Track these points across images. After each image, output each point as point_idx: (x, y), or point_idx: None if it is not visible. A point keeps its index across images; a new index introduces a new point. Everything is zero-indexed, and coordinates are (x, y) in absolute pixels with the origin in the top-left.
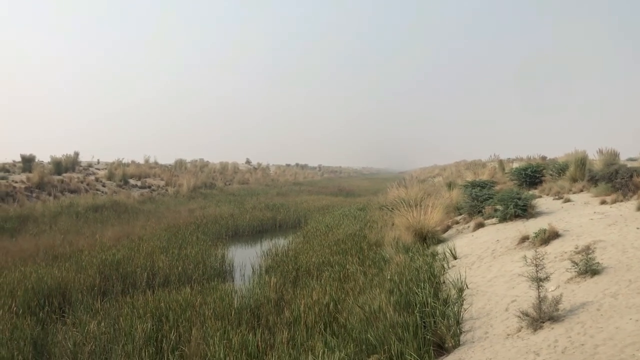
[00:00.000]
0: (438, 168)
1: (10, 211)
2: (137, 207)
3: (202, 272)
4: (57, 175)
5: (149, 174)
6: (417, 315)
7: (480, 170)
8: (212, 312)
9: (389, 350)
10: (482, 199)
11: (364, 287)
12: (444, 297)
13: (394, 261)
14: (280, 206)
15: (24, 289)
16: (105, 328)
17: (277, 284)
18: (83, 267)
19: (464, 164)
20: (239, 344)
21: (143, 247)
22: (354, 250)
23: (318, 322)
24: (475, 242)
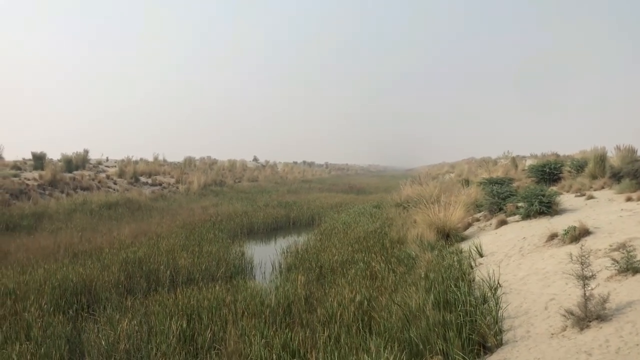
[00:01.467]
0: (447, 165)
1: (25, 209)
2: (150, 204)
3: (224, 269)
4: (68, 173)
5: (158, 171)
6: (460, 313)
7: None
8: (246, 310)
9: (433, 349)
10: (504, 196)
11: (396, 285)
12: (476, 295)
13: (423, 259)
14: (293, 204)
15: (51, 286)
16: (138, 326)
17: (305, 281)
18: (106, 265)
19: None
20: (280, 343)
21: (162, 245)
22: (376, 248)
23: (354, 321)
24: (500, 240)
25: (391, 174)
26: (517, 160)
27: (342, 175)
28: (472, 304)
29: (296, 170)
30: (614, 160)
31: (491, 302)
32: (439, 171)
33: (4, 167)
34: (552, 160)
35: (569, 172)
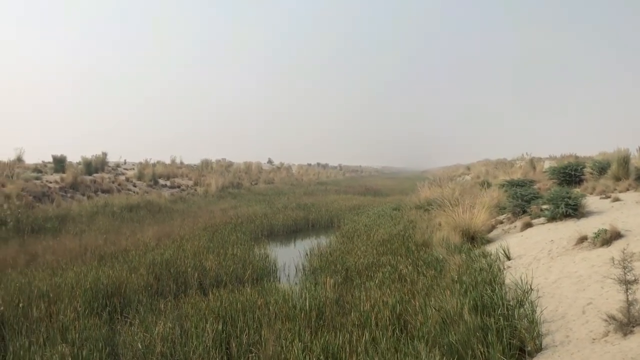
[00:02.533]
0: (462, 167)
1: (49, 211)
2: (170, 206)
3: (251, 272)
4: (88, 176)
5: (176, 174)
6: (500, 317)
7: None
8: (280, 313)
9: (475, 354)
10: (527, 199)
11: (428, 288)
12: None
13: (452, 262)
14: (311, 206)
15: (82, 289)
16: (172, 329)
17: (334, 284)
18: (134, 267)
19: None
20: (320, 347)
21: (187, 247)
22: (402, 251)
23: (390, 325)
24: (527, 242)
25: (405, 176)
26: (535, 162)
27: (357, 177)
28: (509, 308)
29: (311, 172)
30: (636, 162)
31: (525, 306)
32: (454, 173)
33: (26, 169)
34: (573, 162)
35: (590, 174)
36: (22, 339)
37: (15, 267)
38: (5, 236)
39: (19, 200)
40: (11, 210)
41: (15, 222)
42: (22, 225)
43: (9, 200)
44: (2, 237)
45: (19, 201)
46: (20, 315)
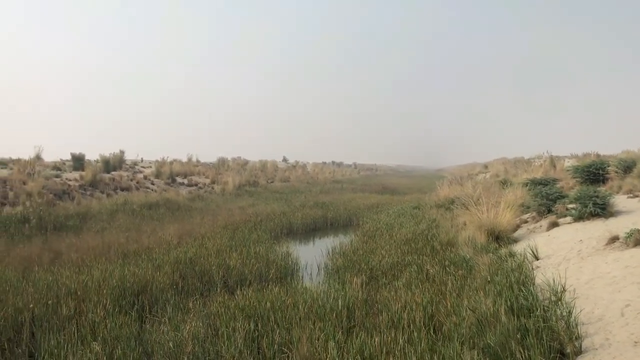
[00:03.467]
0: (479, 165)
1: (70, 209)
2: (188, 204)
3: (275, 271)
4: (106, 174)
5: (193, 172)
6: (539, 318)
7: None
8: (310, 313)
9: (514, 356)
10: (553, 197)
11: (459, 289)
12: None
13: (480, 262)
14: (329, 204)
15: (109, 287)
16: (202, 328)
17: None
18: (158, 265)
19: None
20: (356, 348)
21: (209, 245)
22: (426, 250)
23: (424, 326)
24: (555, 242)
25: (421, 174)
26: (555, 160)
27: (372, 176)
28: (545, 309)
29: (326, 171)
30: None
31: (560, 308)
32: (471, 171)
33: (45, 167)
34: (597, 161)
35: (615, 173)
36: (54, 337)
37: (41, 265)
38: (28, 233)
39: (41, 198)
40: (33, 207)
41: (37, 219)
42: (44, 222)
43: (31, 197)
44: (26, 235)
45: (40, 199)
46: (51, 313)
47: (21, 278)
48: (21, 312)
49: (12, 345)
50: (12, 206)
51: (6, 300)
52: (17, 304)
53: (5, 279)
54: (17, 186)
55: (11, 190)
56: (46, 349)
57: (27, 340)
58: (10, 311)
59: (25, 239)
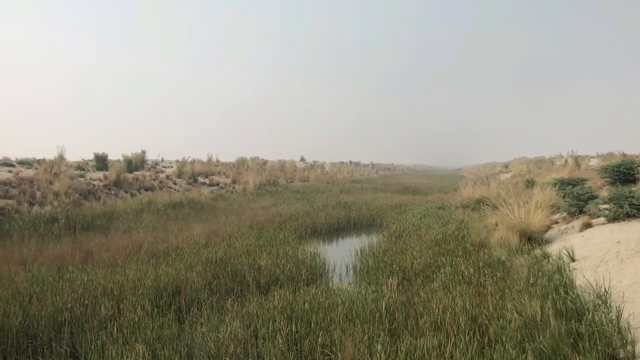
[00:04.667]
0: (499, 165)
1: (96, 208)
2: (212, 204)
3: (306, 271)
4: (129, 174)
5: (213, 171)
6: (592, 322)
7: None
8: (350, 314)
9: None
10: (585, 198)
11: (501, 291)
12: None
13: (517, 263)
14: (352, 204)
15: (145, 287)
16: (242, 329)
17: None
18: (190, 266)
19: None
20: (404, 351)
21: (237, 245)
22: (459, 252)
23: (469, 329)
24: (590, 244)
25: (439, 174)
26: (579, 160)
27: (390, 175)
28: (594, 312)
29: (344, 170)
30: None
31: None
32: (491, 171)
33: (69, 167)
34: (627, 160)
35: None
36: (97, 337)
37: (73, 264)
38: (57, 233)
39: (67, 197)
40: (61, 207)
41: (65, 219)
42: (71, 222)
43: (58, 197)
44: (55, 234)
45: (67, 199)
46: (90, 313)
47: (57, 277)
48: (61, 311)
49: (54, 344)
50: (40, 206)
51: (45, 300)
52: (56, 303)
53: (41, 279)
54: (44, 186)
55: (38, 190)
56: (90, 348)
57: (67, 339)
58: (50, 310)
59: (54, 239)
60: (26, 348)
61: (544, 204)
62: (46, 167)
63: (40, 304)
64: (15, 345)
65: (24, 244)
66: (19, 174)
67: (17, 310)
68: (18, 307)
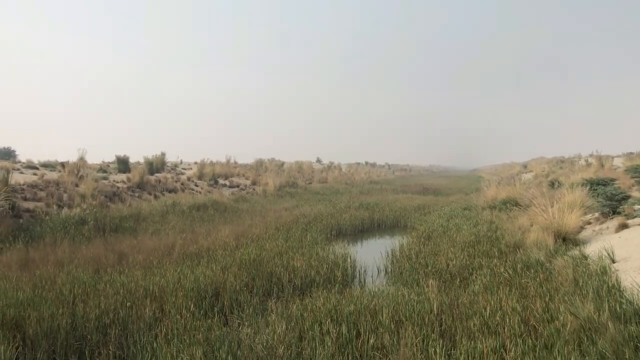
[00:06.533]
0: (518, 165)
1: (123, 210)
2: (234, 205)
3: (341, 272)
4: (150, 175)
5: (233, 173)
6: None
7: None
8: (396, 317)
9: None
10: (619, 198)
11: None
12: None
13: (559, 265)
14: (375, 205)
15: (186, 289)
16: (289, 331)
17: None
18: (226, 267)
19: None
20: (463, 355)
21: (267, 247)
22: (494, 253)
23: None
24: (629, 245)
25: (457, 175)
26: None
27: (407, 176)
28: None
29: (361, 171)
30: None
31: None
32: (510, 171)
33: (91, 170)
34: None
35: None
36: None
37: (108, 266)
38: (87, 235)
39: (94, 199)
40: (89, 209)
41: (94, 221)
42: (100, 224)
43: (85, 199)
44: (85, 236)
45: (94, 201)
46: (135, 315)
47: (96, 279)
48: (105, 313)
49: (101, 346)
50: (69, 208)
51: (87, 301)
52: (100, 305)
53: (81, 281)
54: (70, 188)
55: (65, 192)
56: (139, 350)
57: (115, 341)
58: (95, 313)
59: (85, 240)
60: (76, 349)
61: (577, 203)
62: (71, 169)
63: (84, 305)
64: (65, 346)
65: (57, 245)
66: (43, 176)
67: (65, 311)
68: (64, 308)
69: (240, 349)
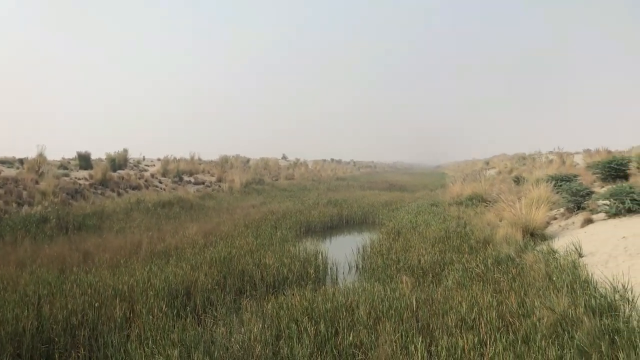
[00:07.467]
0: (480, 162)
1: (86, 208)
2: (200, 203)
3: (314, 270)
4: (113, 172)
5: (198, 170)
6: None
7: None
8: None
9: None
10: (583, 194)
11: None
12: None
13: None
14: (342, 202)
15: (155, 288)
16: (265, 330)
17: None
18: (196, 265)
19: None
20: (447, 351)
21: (237, 244)
22: (465, 248)
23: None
24: (595, 239)
25: (420, 171)
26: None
27: (372, 173)
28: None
29: (327, 168)
30: None
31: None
32: (472, 167)
33: (52, 166)
34: (618, 157)
35: (637, 169)
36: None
37: (73, 265)
38: (50, 233)
39: (55, 197)
40: (51, 207)
41: (57, 219)
42: (63, 222)
43: (46, 197)
44: (48, 235)
45: (55, 198)
46: (105, 316)
47: (61, 279)
48: (74, 314)
49: (70, 349)
50: (29, 206)
51: (53, 303)
52: (67, 306)
53: (46, 281)
54: (30, 186)
55: (24, 190)
56: (112, 352)
57: (84, 343)
58: (63, 314)
59: (48, 239)
60: (43, 352)
61: (543, 199)
62: (30, 166)
63: (50, 306)
64: (31, 349)
65: (18, 244)
66: (0, 173)
67: (30, 313)
68: (29, 310)
69: (216, 349)
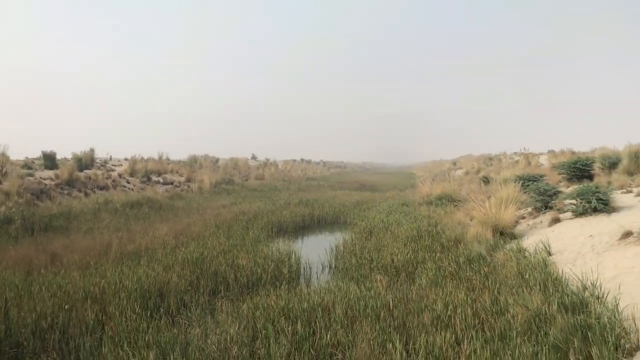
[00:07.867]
0: (447, 162)
1: (52, 209)
2: (170, 203)
3: (288, 270)
4: (80, 172)
5: (166, 170)
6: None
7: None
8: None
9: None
10: (551, 193)
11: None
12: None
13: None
14: (314, 202)
15: (127, 289)
16: (242, 331)
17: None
18: (168, 266)
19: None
20: (424, 349)
21: (209, 245)
22: (437, 247)
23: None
24: (563, 238)
25: (390, 171)
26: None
27: (342, 173)
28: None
29: (297, 168)
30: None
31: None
32: (440, 167)
33: (15, 166)
34: (582, 157)
35: (601, 169)
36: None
37: (41, 267)
38: (15, 235)
39: (20, 197)
40: (15, 208)
41: (22, 220)
42: (28, 223)
43: (9, 197)
44: (12, 236)
45: (20, 199)
46: (76, 318)
47: (29, 281)
48: (43, 317)
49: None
50: None
51: (21, 306)
52: (36, 309)
53: (12, 283)
54: None
55: None
56: (85, 357)
57: (55, 347)
58: (32, 317)
59: (12, 240)
60: (12, 357)
61: (511, 199)
62: None
63: (18, 310)
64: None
65: None
66: None
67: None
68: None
69: (193, 351)
